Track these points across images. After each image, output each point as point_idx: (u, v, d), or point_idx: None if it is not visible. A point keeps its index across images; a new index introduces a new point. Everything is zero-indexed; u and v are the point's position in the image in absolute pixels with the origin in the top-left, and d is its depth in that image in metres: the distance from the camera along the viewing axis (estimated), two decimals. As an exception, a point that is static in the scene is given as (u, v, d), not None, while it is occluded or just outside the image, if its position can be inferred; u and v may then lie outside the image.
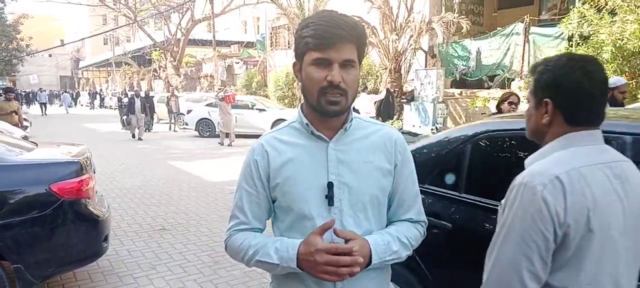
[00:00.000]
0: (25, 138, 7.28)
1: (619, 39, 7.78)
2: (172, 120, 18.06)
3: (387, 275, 1.36)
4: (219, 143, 13.63)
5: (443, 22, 12.29)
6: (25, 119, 10.53)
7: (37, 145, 4.21)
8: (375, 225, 1.28)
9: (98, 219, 3.49)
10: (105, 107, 36.28)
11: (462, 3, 13.90)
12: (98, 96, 39.13)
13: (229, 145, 13.40)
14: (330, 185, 1.22)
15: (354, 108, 1.31)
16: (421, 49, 13.62)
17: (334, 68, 1.15)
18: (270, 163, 1.26)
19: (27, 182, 3.20)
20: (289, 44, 21.03)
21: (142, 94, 16.66)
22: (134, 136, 15.01)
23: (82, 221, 3.38)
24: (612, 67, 8.13)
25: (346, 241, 1.18)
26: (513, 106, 4.34)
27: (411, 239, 1.30)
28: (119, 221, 5.55)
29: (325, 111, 1.19)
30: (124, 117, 16.77)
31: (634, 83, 8.13)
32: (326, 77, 1.16)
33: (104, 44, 50.50)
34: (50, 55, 58.97)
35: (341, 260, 1.14)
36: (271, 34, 23.07)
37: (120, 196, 6.92)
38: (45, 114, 28.45)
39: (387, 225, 1.33)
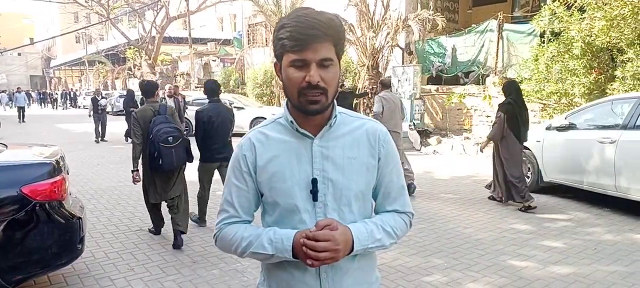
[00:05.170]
0: (-6, 139, 7.07)
1: (588, 36, 8.01)
2: None
3: (374, 263, 1.40)
4: None
5: (419, 19, 12.43)
6: (-6, 120, 10.18)
7: (7, 146, 4.08)
8: (360, 219, 1.30)
9: (73, 221, 3.42)
10: (78, 107, 35.05)
11: (437, 0, 14.08)
12: (67, 96, 37.75)
13: None
14: (314, 182, 1.25)
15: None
16: (398, 46, 13.75)
17: (311, 68, 1.16)
18: (257, 157, 1.28)
19: (-3, 184, 3.10)
20: (266, 41, 20.93)
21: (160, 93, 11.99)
22: None
23: (56, 223, 3.30)
24: (581, 62, 8.36)
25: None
26: None
27: (396, 229, 1.33)
28: (95, 222, 5.45)
29: (306, 110, 1.21)
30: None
31: (602, 78, 8.38)
32: (305, 78, 1.17)
33: (77, 43, 49.23)
34: (19, 54, 57.26)
35: (317, 246, 1.15)
36: (248, 31, 22.94)
37: (96, 197, 6.78)
38: (23, 121, 21.95)
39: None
